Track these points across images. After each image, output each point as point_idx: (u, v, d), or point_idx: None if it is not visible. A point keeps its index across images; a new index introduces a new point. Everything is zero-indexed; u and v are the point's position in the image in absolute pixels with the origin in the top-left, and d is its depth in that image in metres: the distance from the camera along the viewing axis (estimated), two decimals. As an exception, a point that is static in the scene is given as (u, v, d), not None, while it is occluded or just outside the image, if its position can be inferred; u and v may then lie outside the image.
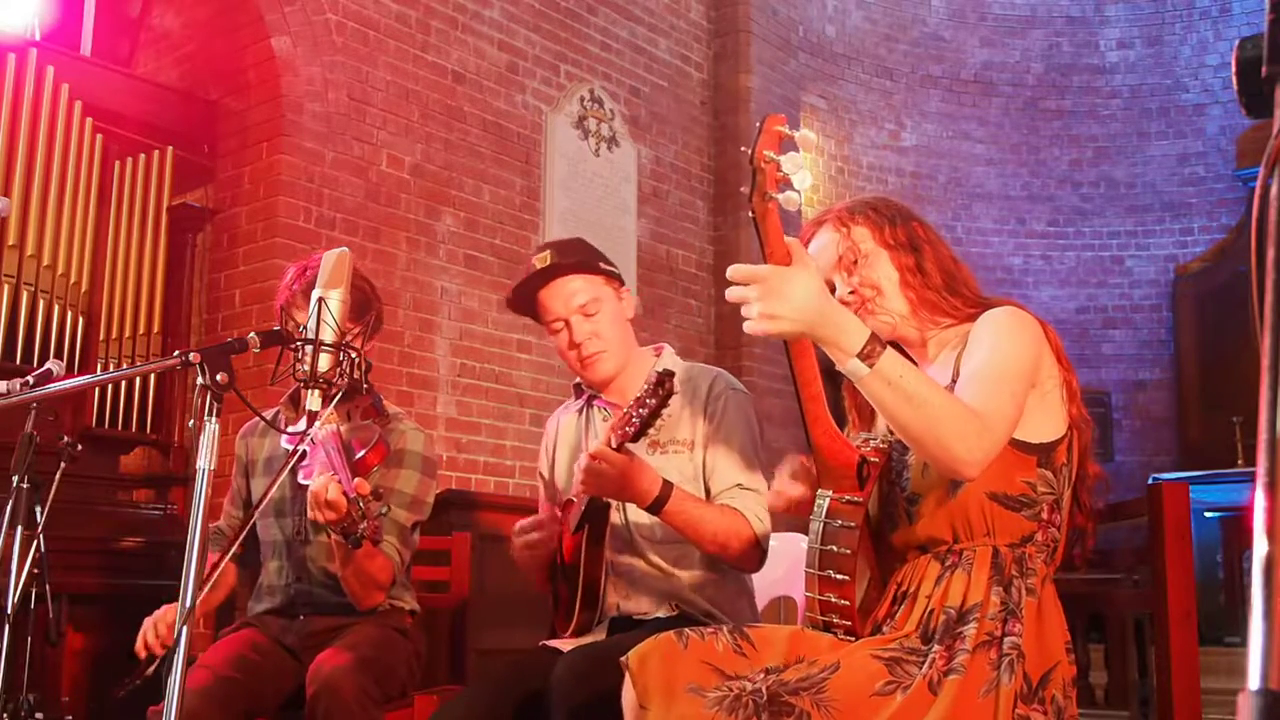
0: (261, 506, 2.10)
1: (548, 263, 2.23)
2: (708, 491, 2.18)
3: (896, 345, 1.74)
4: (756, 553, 2.13)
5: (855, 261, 1.74)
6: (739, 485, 2.15)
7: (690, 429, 2.20)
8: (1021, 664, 1.52)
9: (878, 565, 1.70)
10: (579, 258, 2.25)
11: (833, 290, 1.74)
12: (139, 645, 2.29)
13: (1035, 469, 1.62)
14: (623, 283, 2.32)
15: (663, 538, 2.16)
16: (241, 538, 2.14)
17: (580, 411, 2.37)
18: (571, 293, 2.22)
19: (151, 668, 2.08)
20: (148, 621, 2.32)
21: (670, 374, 1.91)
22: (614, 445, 1.95)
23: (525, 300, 2.28)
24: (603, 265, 2.27)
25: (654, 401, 1.90)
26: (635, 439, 1.94)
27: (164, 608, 2.32)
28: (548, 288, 2.23)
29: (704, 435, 2.20)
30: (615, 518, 2.17)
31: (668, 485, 2.02)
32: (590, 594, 2.13)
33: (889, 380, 1.46)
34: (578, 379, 2.37)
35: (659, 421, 1.96)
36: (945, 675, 1.49)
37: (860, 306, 1.73)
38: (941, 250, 1.76)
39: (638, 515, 2.15)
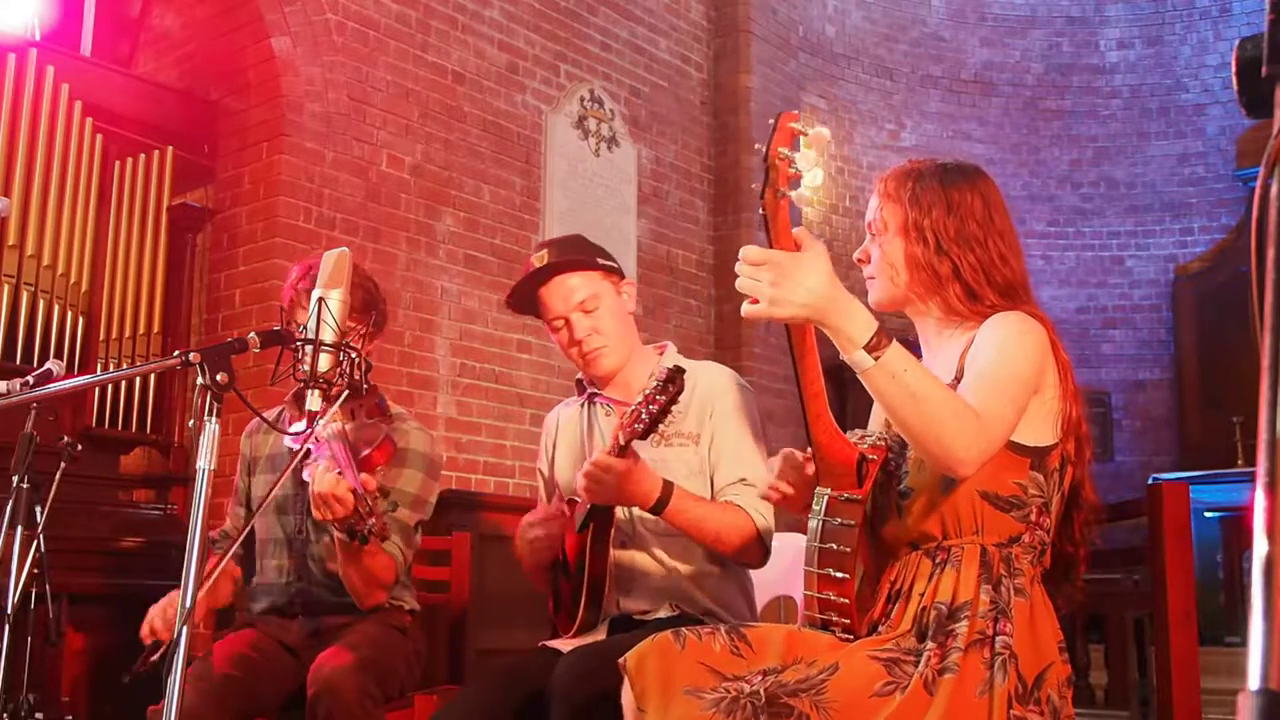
0: (264, 506, 2.10)
1: (545, 261, 2.24)
2: (712, 484, 2.19)
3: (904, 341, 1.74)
4: (759, 548, 2.15)
5: (875, 235, 1.76)
6: (742, 480, 2.16)
7: (695, 422, 2.22)
8: (1014, 664, 1.52)
9: (871, 561, 1.70)
10: (576, 255, 2.27)
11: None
12: (144, 631, 2.29)
13: (1028, 471, 1.62)
14: (623, 276, 2.32)
15: (666, 531, 2.16)
16: (242, 538, 2.14)
17: (582, 407, 2.38)
18: (570, 290, 2.23)
19: (157, 654, 2.07)
20: (154, 609, 2.32)
21: (681, 370, 1.92)
22: (622, 442, 1.95)
23: (525, 299, 2.30)
24: (600, 261, 2.28)
25: (664, 398, 1.91)
26: (645, 435, 1.95)
27: (169, 594, 2.32)
28: (547, 286, 2.25)
29: (709, 429, 2.21)
30: (620, 513, 2.17)
31: (668, 486, 2.03)
32: (594, 593, 2.14)
33: (893, 374, 1.46)
34: (579, 375, 2.38)
35: (668, 417, 1.97)
36: (940, 674, 1.50)
37: (873, 272, 1.76)
38: (975, 256, 1.67)
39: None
